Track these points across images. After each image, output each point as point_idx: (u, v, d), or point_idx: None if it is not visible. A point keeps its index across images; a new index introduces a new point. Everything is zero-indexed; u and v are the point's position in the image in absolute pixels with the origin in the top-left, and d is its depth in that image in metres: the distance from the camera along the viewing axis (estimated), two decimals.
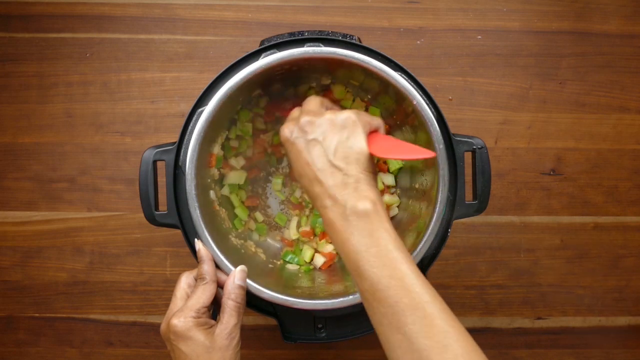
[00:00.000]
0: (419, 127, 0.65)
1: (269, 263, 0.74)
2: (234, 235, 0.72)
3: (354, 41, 0.64)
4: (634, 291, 0.84)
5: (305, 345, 0.82)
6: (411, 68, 0.64)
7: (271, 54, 0.63)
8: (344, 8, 0.83)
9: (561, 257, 0.83)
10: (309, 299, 0.62)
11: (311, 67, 0.67)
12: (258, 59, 0.63)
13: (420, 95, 0.62)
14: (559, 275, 0.83)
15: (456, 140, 0.63)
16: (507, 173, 0.83)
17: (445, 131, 0.63)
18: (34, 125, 0.82)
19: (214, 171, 0.70)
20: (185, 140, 0.63)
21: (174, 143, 0.63)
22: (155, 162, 0.63)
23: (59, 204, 0.82)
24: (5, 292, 0.82)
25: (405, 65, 0.63)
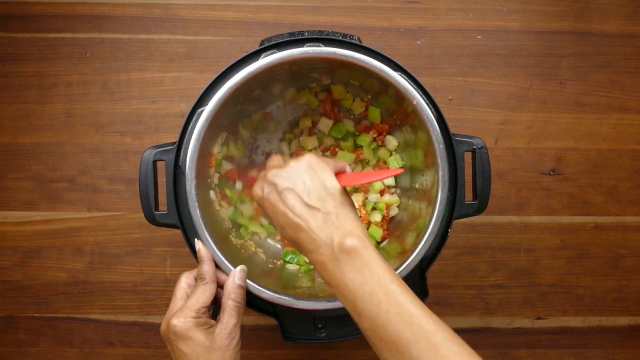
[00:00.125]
0: (419, 127, 0.65)
1: (269, 263, 0.74)
2: (234, 235, 0.72)
3: (354, 41, 0.64)
4: (634, 291, 0.84)
5: (305, 345, 0.82)
6: (411, 68, 0.64)
7: (271, 54, 0.63)
8: (344, 8, 0.83)
9: (561, 257, 0.83)
10: (309, 299, 0.62)
11: (311, 67, 0.67)
12: (258, 59, 0.63)
13: (420, 95, 0.62)
14: (559, 275, 0.83)
15: (456, 140, 0.63)
16: (507, 173, 0.83)
17: (445, 131, 0.63)
18: (34, 125, 0.82)
19: (212, 171, 0.70)
20: (185, 140, 0.63)
21: (174, 143, 0.63)
22: (155, 162, 0.63)
23: (59, 204, 0.82)
24: (5, 292, 0.82)
25: (405, 65, 0.63)
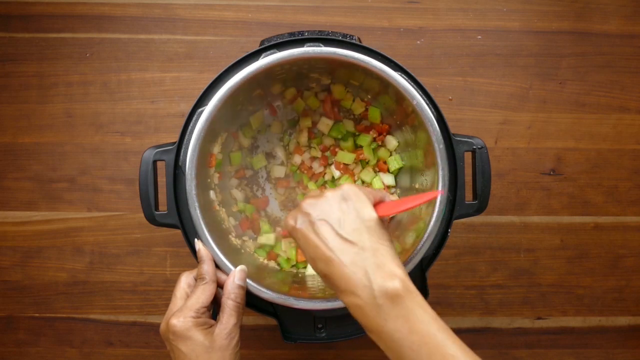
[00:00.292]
0: (419, 127, 0.65)
1: (269, 263, 0.74)
2: (234, 235, 0.72)
3: (354, 41, 0.64)
4: (634, 291, 0.83)
5: (305, 345, 0.82)
6: (411, 68, 0.64)
7: (271, 54, 0.63)
8: (344, 8, 0.83)
9: (561, 257, 0.83)
10: (309, 299, 0.62)
11: (311, 67, 0.67)
12: (258, 59, 0.63)
13: (420, 95, 0.62)
14: (559, 275, 0.83)
15: (456, 140, 0.63)
16: (507, 173, 0.83)
17: (445, 131, 0.63)
18: (34, 125, 0.82)
19: (212, 171, 0.70)
20: (185, 140, 0.63)
21: (174, 143, 0.63)
22: (155, 162, 0.63)
23: (59, 204, 0.82)
24: (5, 292, 0.82)
25: (405, 65, 0.63)
